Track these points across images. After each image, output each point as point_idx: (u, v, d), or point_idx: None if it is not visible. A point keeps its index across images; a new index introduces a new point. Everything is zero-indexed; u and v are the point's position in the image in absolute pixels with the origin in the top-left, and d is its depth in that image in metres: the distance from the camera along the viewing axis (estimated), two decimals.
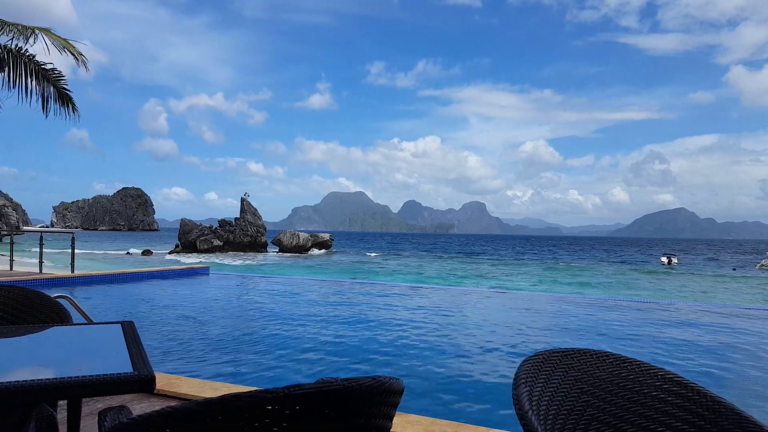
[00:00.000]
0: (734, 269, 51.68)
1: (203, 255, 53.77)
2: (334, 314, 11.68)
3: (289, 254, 59.06)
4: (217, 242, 57.28)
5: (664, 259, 58.56)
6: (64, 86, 12.37)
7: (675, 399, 1.84)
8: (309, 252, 62.70)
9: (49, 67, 12.06)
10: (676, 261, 58.86)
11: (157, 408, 1.19)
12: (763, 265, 54.11)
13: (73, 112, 12.66)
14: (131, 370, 1.88)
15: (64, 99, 12.48)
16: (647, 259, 69.42)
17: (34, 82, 11.90)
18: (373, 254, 67.29)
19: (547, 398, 1.82)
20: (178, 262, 42.77)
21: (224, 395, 1.19)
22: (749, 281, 36.77)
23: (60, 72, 12.19)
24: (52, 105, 12.36)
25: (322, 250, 65.82)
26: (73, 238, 16.92)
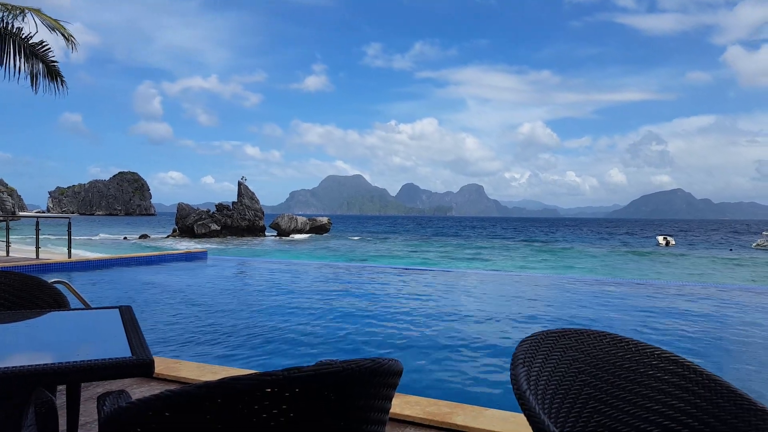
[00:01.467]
0: (731, 249, 51.95)
1: (201, 239, 53.78)
2: (333, 297, 11.73)
3: (287, 238, 59.12)
4: (214, 226, 57.21)
5: (662, 240, 58.77)
6: (52, 60, 12.18)
7: (671, 377, 1.86)
8: (307, 235, 62.77)
9: (36, 40, 11.86)
10: (674, 242, 59.08)
11: (156, 392, 1.19)
12: (758, 245, 54.43)
13: (62, 86, 12.46)
14: (130, 355, 1.88)
15: (53, 74, 12.29)
16: (645, 240, 69.68)
17: (22, 59, 11.72)
18: (356, 238, 67.21)
19: (544, 378, 1.83)
20: (177, 246, 42.79)
21: (223, 378, 1.19)
22: (745, 261, 36.99)
23: (47, 44, 11.99)
24: (41, 81, 12.19)
25: (322, 233, 65.88)
26: (69, 223, 16.87)
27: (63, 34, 11.91)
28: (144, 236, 58.71)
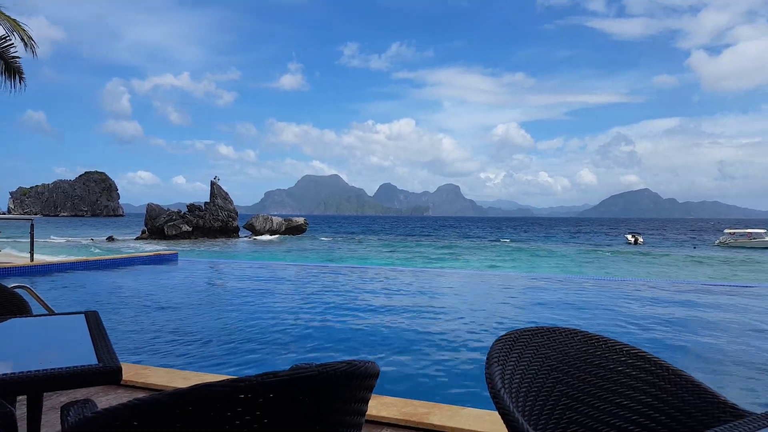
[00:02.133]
0: (695, 247, 53.42)
1: (171, 241, 52.86)
2: (307, 299, 11.65)
3: (261, 238, 58.56)
4: (186, 228, 56.31)
5: (630, 238, 60.12)
6: (12, 56, 11.73)
7: (639, 373, 1.90)
8: (282, 236, 62.27)
9: None
10: (642, 240, 60.46)
11: (124, 400, 1.15)
12: (721, 242, 56.10)
13: (20, 83, 12.01)
14: (96, 362, 1.82)
15: (11, 71, 11.85)
16: (614, 238, 71.12)
17: None
18: (333, 238, 66.92)
19: (518, 376, 1.85)
20: (144, 248, 41.98)
21: (195, 385, 1.15)
22: (708, 258, 38.06)
23: (9, 39, 11.56)
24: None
25: (298, 234, 65.42)
26: (32, 224, 16.39)
27: (22, 38, 11.51)
28: (111, 238, 57.47)
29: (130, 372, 4.27)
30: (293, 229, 65.67)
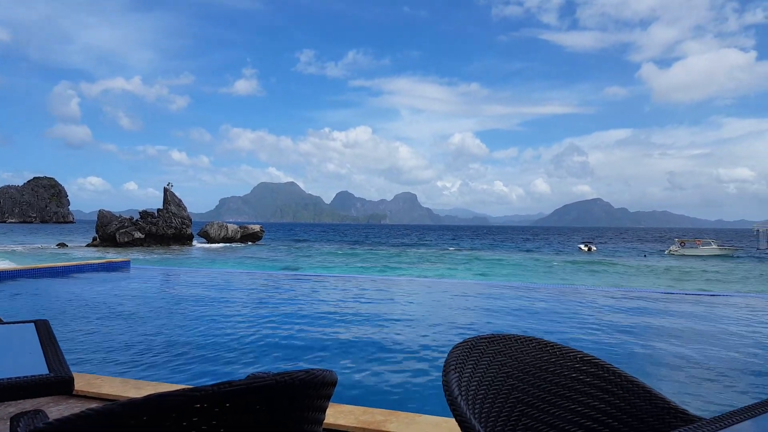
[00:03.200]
0: (645, 255, 55.22)
1: (123, 248, 51.32)
2: (263, 307, 11.50)
3: (216, 246, 57.47)
4: (138, 235, 54.75)
5: (583, 247, 61.67)
6: None
7: (593, 380, 1.95)
8: (238, 243, 61.28)
9: None
10: (595, 249, 62.08)
11: (76, 410, 1.13)
12: (671, 251, 58.14)
13: None
14: (46, 371, 1.77)
15: None
16: (567, 246, 72.86)
17: None
18: (288, 246, 66.23)
19: (475, 383, 1.87)
20: (95, 256, 40.61)
21: (150, 395, 1.14)
22: (657, 267, 39.42)
23: None
24: None
25: (254, 242, 64.47)
26: None
27: None
28: (62, 245, 55.38)
29: (82, 382, 4.14)
30: (249, 237, 64.71)
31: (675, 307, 12.69)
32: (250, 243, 63.89)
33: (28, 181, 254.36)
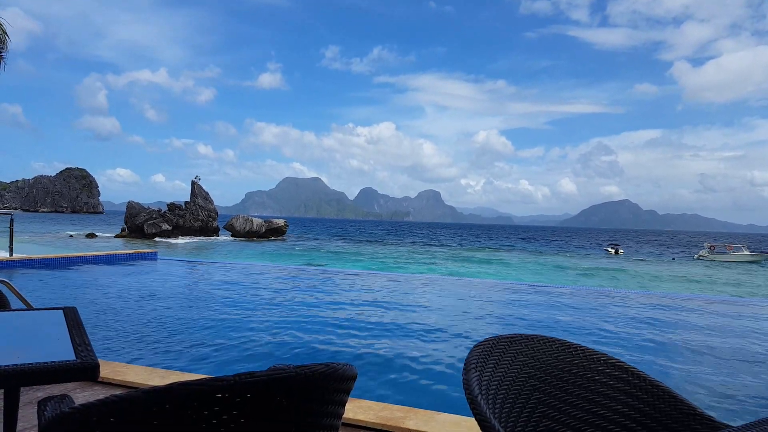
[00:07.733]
0: (673, 259, 54.16)
1: (151, 239, 52.28)
2: (287, 300, 11.60)
3: (241, 239, 58.15)
4: (165, 226, 55.67)
5: (611, 250, 60.78)
6: None
7: (617, 383, 1.92)
8: (262, 237, 61.90)
9: None
10: (622, 251, 61.11)
11: (101, 397, 1.15)
12: (700, 256, 56.91)
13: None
14: (73, 358, 1.81)
15: None
16: (595, 248, 71.85)
17: None
18: (312, 241, 66.62)
19: (496, 383, 1.86)
20: (124, 246, 41.45)
21: (172, 383, 1.16)
22: (686, 272, 38.61)
23: None
24: None
25: (278, 236, 65.04)
26: (11, 219, 16.13)
27: None
28: (91, 235, 56.62)
29: (107, 369, 4.23)
30: (273, 231, 65.24)
31: (706, 311, 12.41)
32: (274, 237, 64.45)
33: (60, 172, 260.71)
